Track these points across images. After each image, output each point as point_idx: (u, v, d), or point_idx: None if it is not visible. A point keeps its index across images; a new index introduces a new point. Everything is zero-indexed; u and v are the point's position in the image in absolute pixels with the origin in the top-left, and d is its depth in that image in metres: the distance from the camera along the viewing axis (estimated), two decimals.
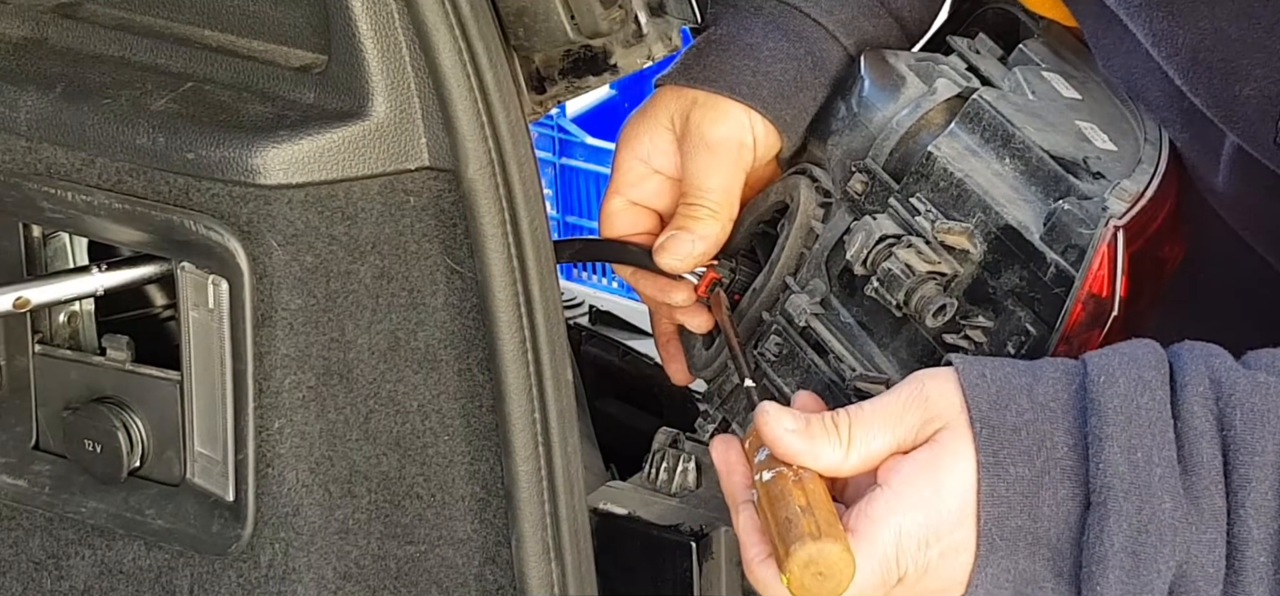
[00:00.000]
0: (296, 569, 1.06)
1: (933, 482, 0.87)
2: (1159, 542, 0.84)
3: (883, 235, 1.07)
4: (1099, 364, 0.87)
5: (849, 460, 0.90)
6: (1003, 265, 1.03)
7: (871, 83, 1.14)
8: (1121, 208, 1.01)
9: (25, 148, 1.08)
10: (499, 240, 1.01)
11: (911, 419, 0.89)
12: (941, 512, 0.87)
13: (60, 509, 1.14)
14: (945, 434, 0.88)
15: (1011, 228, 1.03)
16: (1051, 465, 0.86)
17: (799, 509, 0.87)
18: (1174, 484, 0.84)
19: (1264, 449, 0.84)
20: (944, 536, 0.87)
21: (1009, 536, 0.86)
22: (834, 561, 0.85)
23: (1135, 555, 0.84)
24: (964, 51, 1.17)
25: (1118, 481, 0.84)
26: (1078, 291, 0.99)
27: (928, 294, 1.04)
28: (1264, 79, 0.93)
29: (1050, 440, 0.86)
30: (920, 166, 1.08)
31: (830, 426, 0.90)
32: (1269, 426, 0.84)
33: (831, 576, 0.85)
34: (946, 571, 0.87)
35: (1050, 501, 0.86)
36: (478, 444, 1.05)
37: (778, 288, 1.15)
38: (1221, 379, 0.86)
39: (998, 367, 0.89)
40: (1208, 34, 0.95)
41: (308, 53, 1.04)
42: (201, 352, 1.06)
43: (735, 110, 1.14)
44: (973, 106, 1.09)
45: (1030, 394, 0.87)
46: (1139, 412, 0.85)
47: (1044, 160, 1.05)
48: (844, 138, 1.14)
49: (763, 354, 1.16)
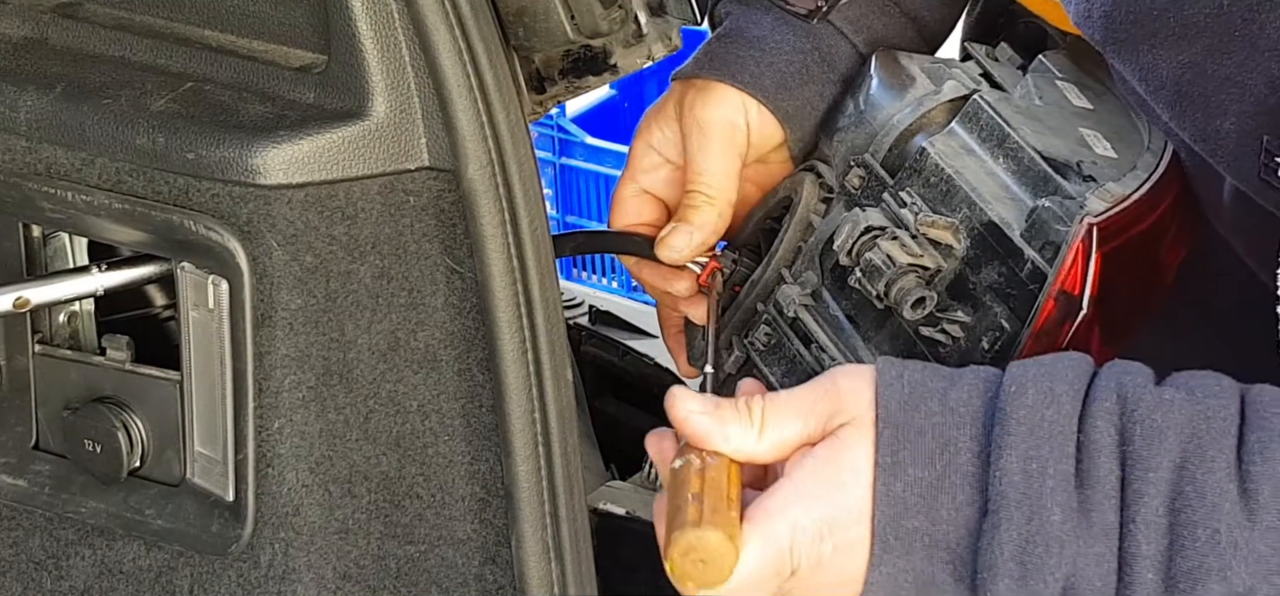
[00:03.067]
0: (296, 569, 1.06)
1: (832, 478, 0.87)
2: (1046, 553, 0.84)
3: (868, 226, 1.08)
4: (1014, 374, 0.87)
5: (762, 444, 0.89)
6: (983, 261, 1.04)
7: (880, 81, 1.15)
8: (1100, 207, 1.01)
9: (25, 148, 1.08)
10: (499, 240, 1.01)
11: (822, 410, 0.89)
12: (839, 507, 0.87)
13: (60, 509, 1.14)
14: (849, 429, 0.88)
15: (994, 224, 1.03)
16: (953, 470, 0.86)
17: (690, 495, 0.87)
18: (1066, 497, 0.84)
19: (1159, 465, 0.84)
20: (839, 531, 0.87)
21: (904, 537, 0.86)
22: (714, 548, 0.85)
23: (1023, 564, 0.84)
24: (981, 58, 1.18)
25: (1011, 490, 0.84)
26: (1050, 287, 1.00)
27: (907, 285, 1.05)
28: (1242, 114, 0.94)
29: (954, 445, 0.86)
30: (914, 162, 1.08)
31: (742, 410, 0.90)
32: (1166, 442, 0.84)
33: (712, 563, 0.85)
34: (841, 567, 0.87)
35: (949, 505, 0.86)
36: (478, 444, 1.05)
37: (773, 279, 1.16)
38: (1128, 395, 0.86)
39: (917, 370, 0.89)
40: (1187, 68, 0.96)
41: (308, 53, 1.04)
42: (201, 352, 1.06)
43: (728, 93, 1.15)
44: (972, 106, 1.09)
45: (942, 398, 0.87)
46: (1042, 424, 0.85)
47: (1035, 161, 1.05)
48: (849, 134, 1.15)
49: (753, 343, 1.17)
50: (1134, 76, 1.02)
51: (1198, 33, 0.94)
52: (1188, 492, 0.83)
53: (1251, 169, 0.94)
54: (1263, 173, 0.93)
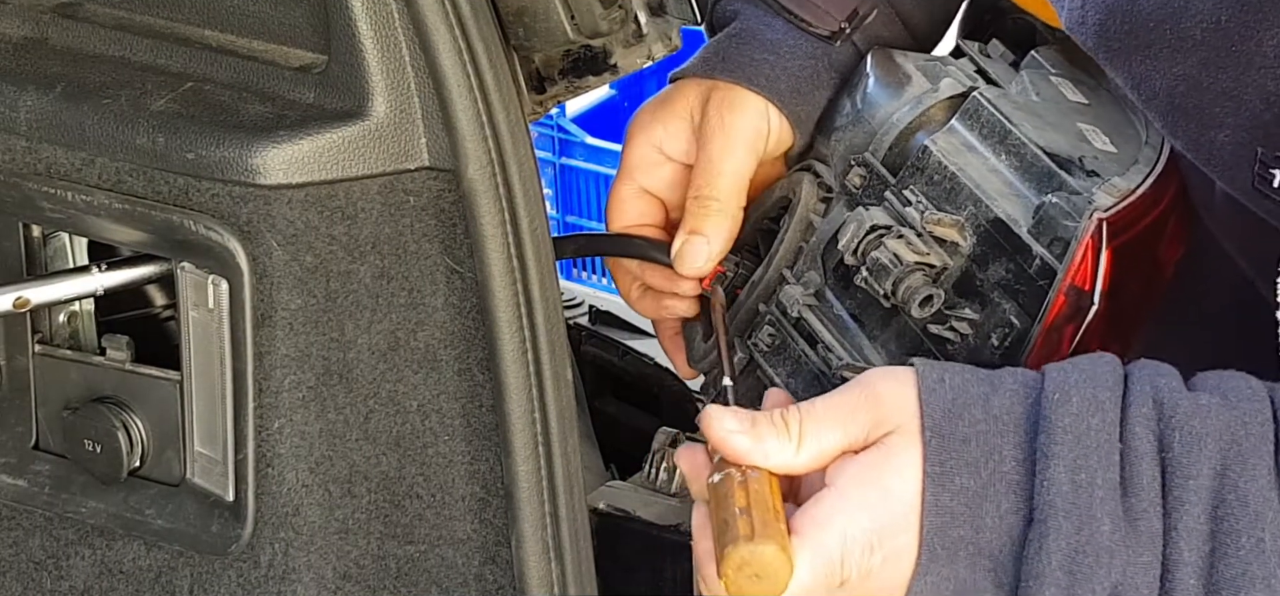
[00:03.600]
0: (296, 569, 1.06)
1: (880, 486, 0.87)
2: (1095, 563, 0.84)
3: (873, 225, 1.08)
4: (1056, 380, 0.87)
5: (800, 457, 0.89)
6: (990, 258, 1.04)
7: (876, 80, 1.15)
8: (1108, 201, 1.01)
9: (25, 148, 1.08)
10: (499, 240, 1.01)
11: (863, 418, 0.89)
12: (887, 517, 0.86)
13: (60, 509, 1.14)
14: (895, 438, 0.87)
15: (1000, 220, 1.03)
16: (997, 478, 0.86)
17: (737, 510, 0.86)
18: (1114, 506, 0.84)
19: (1199, 472, 0.84)
20: (887, 541, 0.87)
21: (950, 545, 0.86)
22: (768, 562, 0.84)
23: (1072, 573, 0.84)
24: (974, 55, 1.18)
25: (1060, 500, 0.84)
26: (1060, 282, 1.00)
27: (914, 284, 1.04)
28: (1235, 125, 0.94)
29: (998, 453, 0.86)
30: (916, 160, 1.08)
31: (779, 424, 0.89)
32: (1205, 450, 0.84)
33: (767, 577, 0.85)
34: (888, 576, 0.87)
35: (993, 514, 0.86)
36: (478, 444, 1.05)
37: (775, 280, 1.16)
38: (1164, 401, 0.86)
39: (956, 374, 0.89)
40: (1181, 80, 0.96)
41: (308, 53, 1.04)
42: (201, 352, 1.06)
43: (754, 100, 1.15)
44: (972, 103, 1.09)
45: (985, 405, 0.87)
46: (1088, 433, 0.85)
47: (1038, 157, 1.05)
48: (847, 133, 1.15)
49: (756, 344, 1.17)
50: (1127, 85, 1.02)
51: (1193, 46, 0.95)
52: (1230, 500, 0.83)
53: (1245, 179, 0.94)
54: (1257, 183, 0.93)
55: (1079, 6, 1.03)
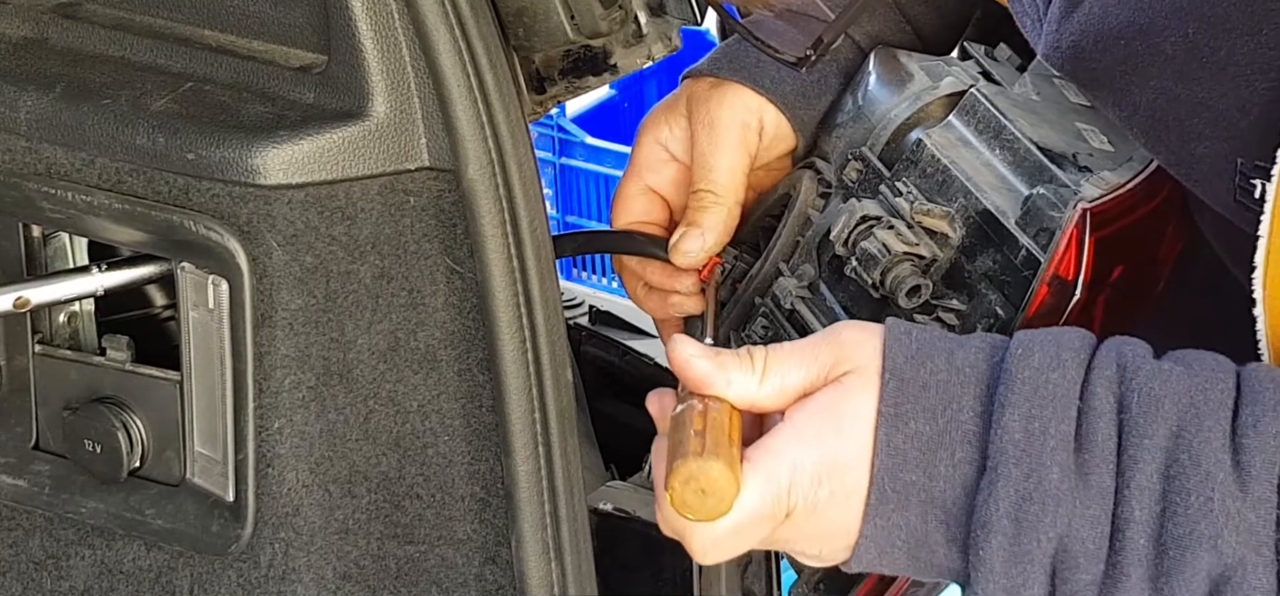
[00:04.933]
0: (296, 569, 1.06)
1: (834, 423, 0.87)
2: (1041, 510, 0.84)
3: (864, 216, 1.08)
4: (1021, 339, 0.88)
5: (763, 389, 0.90)
6: (979, 249, 1.04)
7: (878, 77, 1.15)
8: (1094, 193, 1.02)
9: (25, 148, 1.08)
10: (499, 240, 1.01)
11: (824, 358, 0.89)
12: (838, 452, 0.87)
13: (60, 509, 1.14)
14: (853, 377, 0.88)
15: (989, 212, 1.04)
16: (953, 427, 0.87)
17: (693, 432, 0.87)
18: (1065, 458, 0.85)
19: (1155, 432, 0.85)
20: (836, 476, 0.87)
21: (901, 490, 0.86)
22: (715, 478, 0.85)
23: (1018, 521, 0.85)
24: (980, 57, 1.18)
25: (1011, 446, 0.85)
26: (1043, 272, 1.00)
27: (902, 274, 1.05)
28: (1215, 138, 0.94)
29: (957, 402, 0.87)
30: (911, 153, 1.09)
31: (744, 356, 0.90)
32: (1162, 411, 0.85)
33: (713, 493, 0.85)
34: (836, 513, 0.88)
35: (947, 461, 0.86)
36: (478, 444, 1.05)
37: (771, 273, 1.16)
38: (1127, 364, 0.87)
39: (925, 331, 0.90)
40: (1159, 94, 0.97)
41: (308, 53, 1.04)
42: (201, 352, 1.06)
43: (744, 94, 1.16)
44: (969, 99, 1.10)
45: (949, 356, 0.88)
46: (1046, 385, 0.86)
47: (1031, 151, 1.06)
48: (847, 130, 1.15)
49: (750, 336, 1.17)
50: (1106, 106, 1.03)
51: (1166, 61, 0.95)
52: (1183, 460, 0.84)
53: (1227, 191, 0.94)
54: (1238, 195, 0.94)
55: (1054, 33, 1.04)
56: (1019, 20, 1.12)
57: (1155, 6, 0.96)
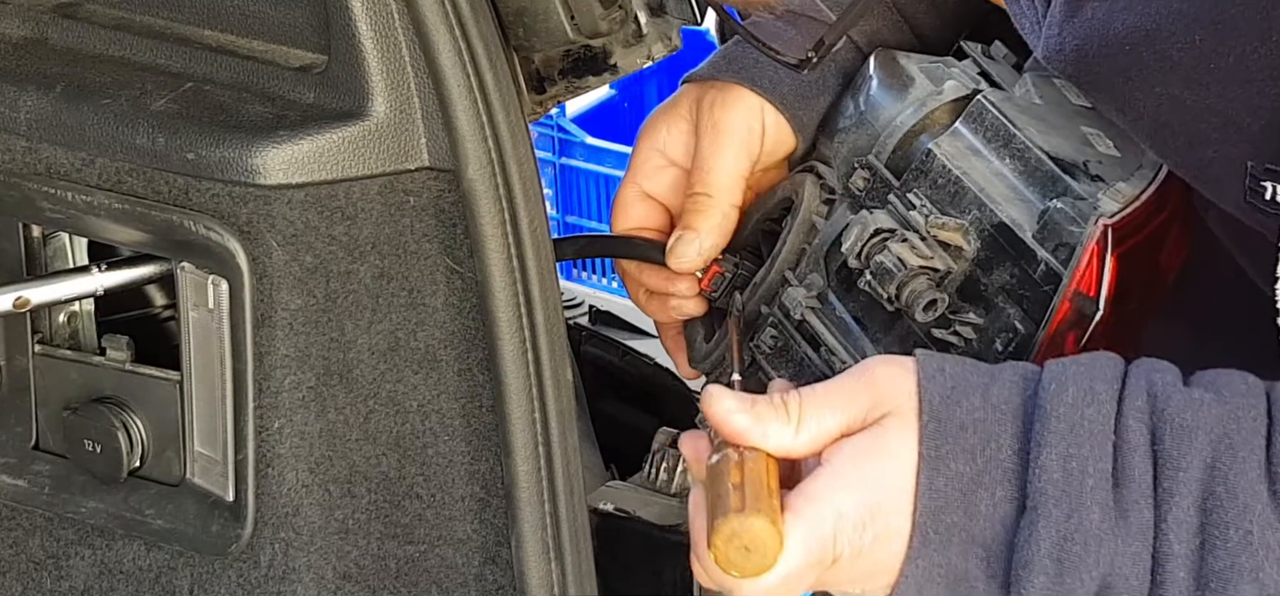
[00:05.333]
0: (296, 569, 1.06)
1: (875, 466, 0.87)
2: (1084, 551, 0.84)
3: (878, 229, 1.08)
4: (1053, 371, 0.87)
5: (800, 439, 0.89)
6: (995, 262, 1.04)
7: (880, 82, 1.15)
8: (1114, 207, 1.01)
9: (25, 148, 1.08)
10: (499, 240, 1.01)
11: (862, 401, 0.89)
12: (880, 496, 0.87)
13: (60, 509, 1.14)
14: (892, 419, 0.88)
15: (1005, 225, 1.03)
16: (992, 465, 0.86)
17: (731, 486, 0.87)
18: (1105, 495, 0.84)
19: (1189, 465, 0.84)
20: (879, 520, 0.87)
21: (943, 531, 0.86)
22: (758, 534, 0.84)
23: (1060, 561, 0.84)
24: (977, 57, 1.18)
25: (1051, 487, 0.84)
26: (1065, 288, 1.00)
27: (918, 288, 1.04)
28: (1223, 141, 0.94)
29: (995, 441, 0.86)
30: (920, 163, 1.08)
31: (779, 406, 0.90)
32: (1196, 442, 0.84)
33: (757, 550, 0.85)
34: (879, 555, 0.87)
35: (987, 501, 0.86)
36: (478, 444, 1.05)
37: (777, 282, 1.16)
38: (1157, 394, 0.86)
39: (956, 364, 0.89)
40: (1165, 100, 0.97)
41: (308, 53, 1.04)
42: (201, 352, 1.06)
43: (747, 97, 1.15)
44: (976, 106, 1.09)
45: (984, 394, 0.87)
46: (1082, 423, 0.85)
47: (1043, 161, 1.05)
48: (850, 136, 1.15)
49: (758, 346, 1.17)
50: (1111, 110, 1.02)
51: (1172, 67, 0.95)
52: (1219, 493, 0.83)
53: (1237, 193, 0.94)
54: (1248, 197, 0.93)
55: (1056, 35, 1.03)
56: (1016, 21, 1.12)
57: (1161, 12, 0.96)
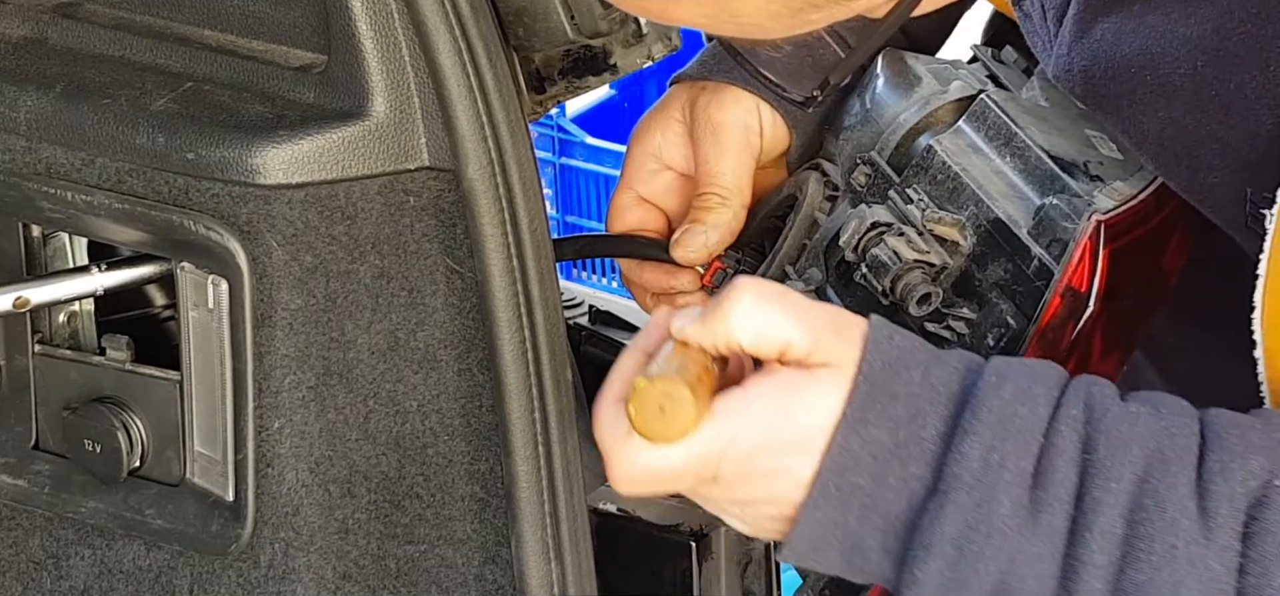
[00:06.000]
0: (296, 569, 1.06)
1: (786, 407, 0.86)
2: (985, 542, 0.83)
3: (874, 223, 1.08)
4: (996, 366, 0.87)
5: (747, 322, 0.87)
6: (990, 258, 1.04)
7: (886, 81, 1.15)
8: (1109, 204, 1.01)
9: (25, 148, 1.08)
10: (499, 240, 1.01)
11: (810, 330, 0.87)
12: (780, 435, 0.86)
13: (60, 509, 1.14)
14: (825, 372, 0.87)
15: (1000, 221, 1.03)
16: (913, 441, 0.85)
17: (674, 360, 0.87)
18: (1020, 493, 0.83)
19: (1121, 475, 0.83)
20: (775, 457, 0.86)
21: (845, 489, 0.85)
22: (680, 403, 0.84)
23: (961, 549, 0.83)
24: (986, 60, 1.18)
25: (966, 474, 0.84)
26: (1056, 284, 1.00)
27: (912, 282, 1.05)
28: (1224, 167, 0.94)
29: (922, 418, 0.86)
30: (921, 160, 1.09)
31: (726, 298, 0.89)
32: (1130, 454, 0.83)
33: (670, 417, 0.84)
34: (770, 487, 0.87)
35: (898, 474, 0.85)
36: (478, 444, 1.05)
37: (778, 276, 1.16)
38: (1094, 405, 0.85)
39: (908, 339, 0.88)
40: (1168, 124, 0.97)
41: (308, 53, 1.04)
42: (201, 352, 1.06)
43: (742, 96, 1.15)
44: (979, 105, 1.10)
45: (924, 371, 0.87)
46: (1013, 418, 0.84)
47: (1042, 160, 1.05)
48: (855, 133, 1.15)
49: None
50: (1117, 129, 1.02)
51: (1176, 91, 0.95)
52: (1148, 505, 0.83)
53: (1238, 219, 0.94)
54: (1249, 223, 0.93)
55: (1065, 55, 1.03)
56: (1029, 39, 1.12)
57: (1165, 38, 0.96)
